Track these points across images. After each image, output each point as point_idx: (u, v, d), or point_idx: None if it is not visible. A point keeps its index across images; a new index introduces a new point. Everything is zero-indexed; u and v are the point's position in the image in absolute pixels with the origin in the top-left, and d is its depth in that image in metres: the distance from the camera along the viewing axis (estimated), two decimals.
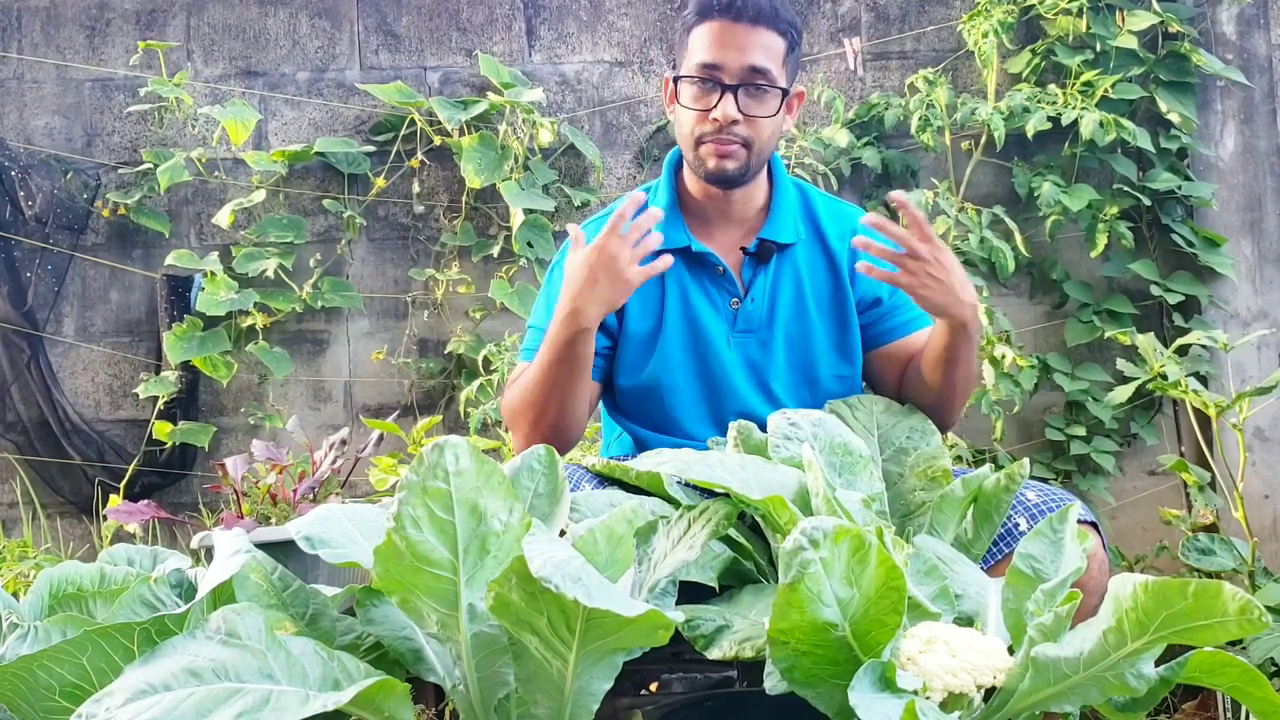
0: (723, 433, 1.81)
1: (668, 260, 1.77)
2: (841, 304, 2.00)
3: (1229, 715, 2.51)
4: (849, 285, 2.00)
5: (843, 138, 3.27)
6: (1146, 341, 2.65)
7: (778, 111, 1.91)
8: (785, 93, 1.91)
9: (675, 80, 1.92)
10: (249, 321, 3.26)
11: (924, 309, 1.81)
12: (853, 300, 2.00)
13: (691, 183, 2.00)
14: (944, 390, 1.87)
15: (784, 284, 1.98)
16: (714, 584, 1.49)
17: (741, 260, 1.98)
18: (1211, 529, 2.85)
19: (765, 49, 1.88)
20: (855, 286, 2.00)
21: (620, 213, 1.74)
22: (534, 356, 1.97)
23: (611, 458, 1.90)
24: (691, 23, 1.92)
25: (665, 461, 1.56)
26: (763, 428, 1.71)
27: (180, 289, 3.29)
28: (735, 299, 1.96)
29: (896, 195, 1.78)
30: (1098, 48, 3.30)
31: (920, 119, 3.22)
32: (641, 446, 1.96)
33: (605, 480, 1.72)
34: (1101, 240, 3.24)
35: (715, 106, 1.87)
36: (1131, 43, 3.29)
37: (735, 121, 1.87)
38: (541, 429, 1.86)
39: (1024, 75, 3.36)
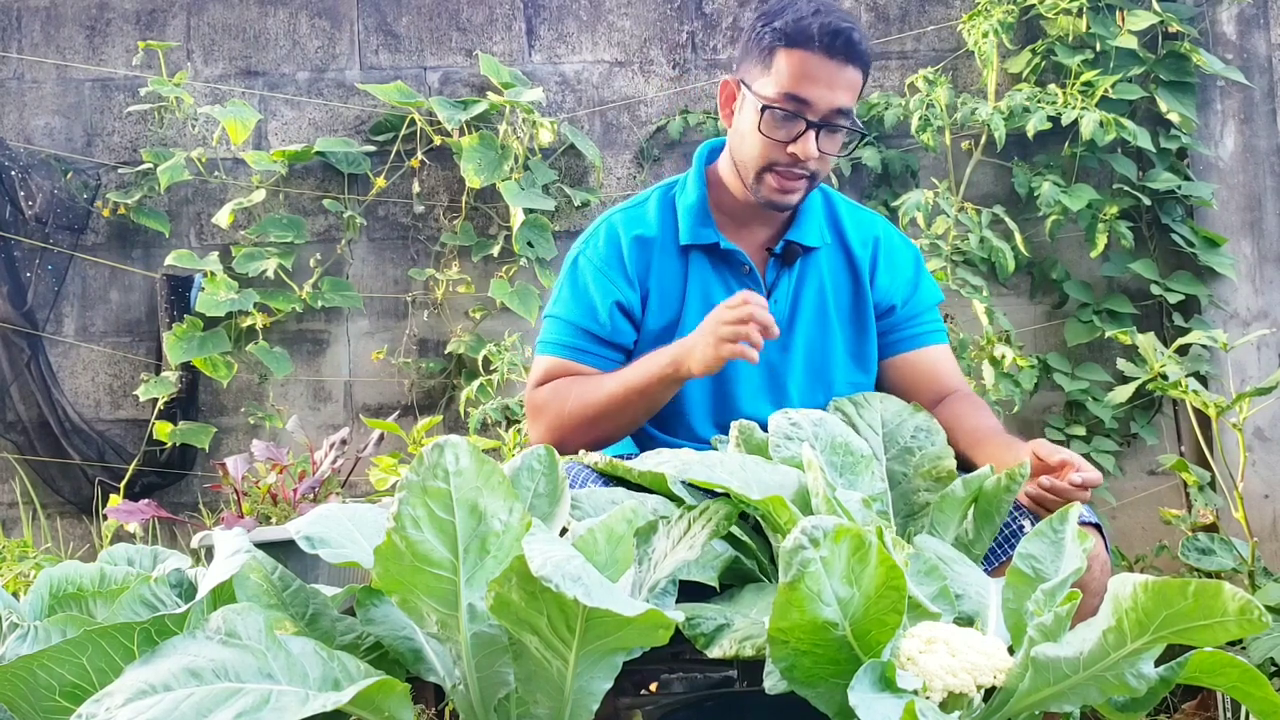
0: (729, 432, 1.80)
1: (753, 355, 1.72)
2: (861, 311, 1.99)
3: (1229, 715, 2.51)
4: (869, 292, 2.00)
5: None
6: (1147, 341, 2.65)
7: (849, 151, 1.89)
8: (863, 135, 1.89)
9: (761, 108, 1.85)
10: (249, 321, 3.26)
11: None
12: (872, 308, 1.99)
13: (730, 183, 1.97)
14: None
15: (807, 287, 1.97)
16: (715, 583, 1.49)
17: (766, 260, 1.98)
18: (1211, 529, 2.84)
19: (850, 88, 1.86)
20: (874, 292, 2.00)
21: (748, 297, 1.72)
22: (558, 352, 1.95)
23: (614, 456, 1.89)
24: (779, 44, 1.85)
25: (665, 461, 1.56)
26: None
27: (180, 289, 3.29)
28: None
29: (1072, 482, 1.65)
30: (1098, 47, 3.30)
31: (920, 119, 3.22)
32: (646, 445, 1.94)
33: (607, 479, 1.72)
34: (1101, 240, 3.24)
35: (795, 140, 1.84)
36: (1131, 42, 3.29)
37: (812, 158, 1.86)
38: (578, 436, 1.85)
39: (1024, 75, 3.36)
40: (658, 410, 1.87)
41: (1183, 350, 3.10)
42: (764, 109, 1.85)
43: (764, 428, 1.75)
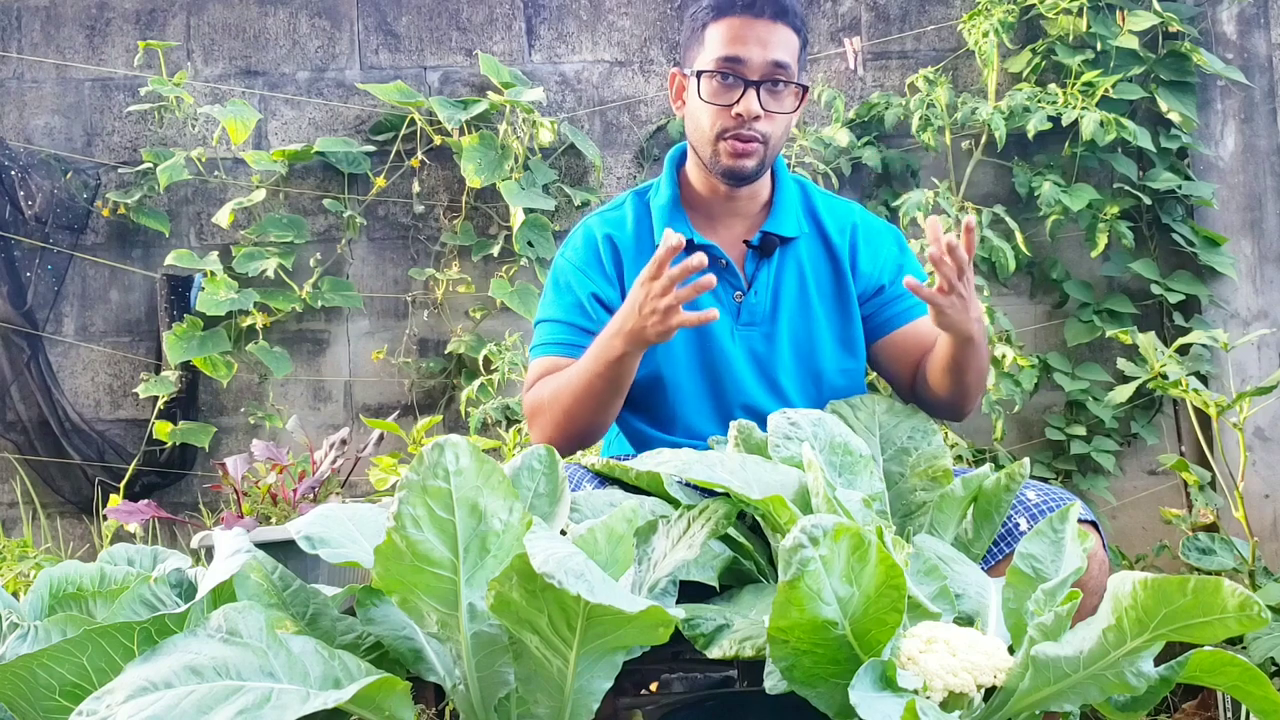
0: (727, 427, 1.81)
1: (713, 314, 1.69)
2: (844, 297, 2.00)
3: (1229, 714, 2.51)
4: (851, 278, 2.00)
5: (843, 137, 3.28)
6: (1147, 341, 2.65)
7: (796, 108, 1.92)
8: (805, 89, 1.93)
9: (697, 75, 1.91)
10: (249, 321, 3.26)
11: (940, 326, 1.76)
12: (855, 294, 2.00)
13: (696, 178, 2.01)
14: (957, 392, 1.89)
15: (787, 277, 1.98)
16: (714, 583, 1.49)
17: (744, 254, 1.98)
18: (1212, 528, 2.85)
19: (785, 45, 1.89)
20: (857, 279, 2.01)
21: (658, 258, 1.67)
22: (550, 351, 1.96)
23: (612, 457, 1.90)
24: (708, 19, 1.92)
25: (665, 461, 1.56)
26: (767, 422, 1.70)
27: (180, 289, 3.29)
28: (739, 292, 1.97)
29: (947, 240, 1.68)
30: (1098, 47, 3.30)
31: (920, 118, 3.22)
32: (642, 445, 1.95)
33: (605, 480, 1.72)
34: (1102, 240, 3.24)
35: (738, 101, 1.88)
36: (1132, 42, 3.29)
37: (757, 117, 1.88)
38: (566, 431, 1.87)
39: (1024, 75, 3.36)
40: (621, 391, 1.84)
41: (1183, 350, 3.10)
42: (700, 74, 1.90)
43: (760, 418, 1.75)
